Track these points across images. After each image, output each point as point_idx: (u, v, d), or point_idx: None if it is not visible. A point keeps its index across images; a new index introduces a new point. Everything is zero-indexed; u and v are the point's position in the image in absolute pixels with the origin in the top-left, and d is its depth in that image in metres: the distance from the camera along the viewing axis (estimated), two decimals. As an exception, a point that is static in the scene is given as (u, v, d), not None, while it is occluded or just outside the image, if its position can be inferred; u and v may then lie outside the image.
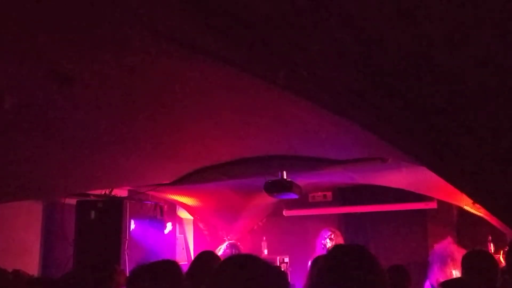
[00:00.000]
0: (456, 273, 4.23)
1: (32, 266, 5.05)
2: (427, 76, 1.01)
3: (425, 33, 0.82)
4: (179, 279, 2.70)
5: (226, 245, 6.24)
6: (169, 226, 6.56)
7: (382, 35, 0.91)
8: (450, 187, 2.82)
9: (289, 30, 1.28)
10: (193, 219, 7.59)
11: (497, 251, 5.42)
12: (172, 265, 2.83)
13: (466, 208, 5.76)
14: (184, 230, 7.56)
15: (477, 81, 0.93)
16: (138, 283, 2.54)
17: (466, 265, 3.02)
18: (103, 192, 5.82)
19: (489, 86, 0.93)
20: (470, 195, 2.19)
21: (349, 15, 0.92)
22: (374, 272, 1.58)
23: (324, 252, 5.14)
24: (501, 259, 4.71)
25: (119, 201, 5.70)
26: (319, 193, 7.08)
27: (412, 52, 0.93)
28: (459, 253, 4.33)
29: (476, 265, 2.90)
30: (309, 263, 4.82)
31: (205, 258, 3.58)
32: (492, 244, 5.78)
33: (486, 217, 5.51)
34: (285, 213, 7.29)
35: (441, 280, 4.23)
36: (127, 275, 3.85)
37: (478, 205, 4.87)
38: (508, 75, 0.86)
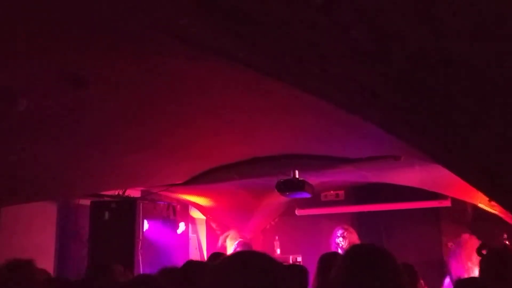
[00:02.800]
0: (472, 266, 4.24)
1: (47, 266, 5.09)
2: (444, 72, 1.00)
3: (444, 28, 0.81)
4: None
5: (237, 244, 6.23)
6: (182, 226, 6.58)
7: (398, 31, 0.91)
8: (464, 185, 2.79)
9: (302, 28, 1.28)
10: (206, 219, 7.61)
11: (513, 249, 5.37)
12: None
13: (481, 206, 5.70)
14: (197, 230, 7.58)
15: (495, 77, 0.92)
16: None
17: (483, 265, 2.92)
18: (116, 193, 5.86)
19: (507, 82, 0.92)
20: (485, 193, 2.17)
21: (364, 11, 0.91)
22: (392, 271, 1.56)
23: (337, 250, 5.11)
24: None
25: (133, 201, 5.73)
26: (332, 192, 7.04)
27: (429, 48, 0.92)
28: (473, 246, 4.33)
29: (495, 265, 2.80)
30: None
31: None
32: (508, 242, 5.71)
33: (501, 215, 5.45)
34: (298, 212, 7.28)
35: (459, 274, 4.23)
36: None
37: (493, 203, 4.83)
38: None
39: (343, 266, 1.61)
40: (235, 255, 1.42)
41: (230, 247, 6.22)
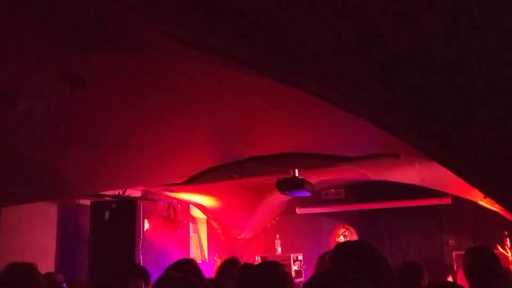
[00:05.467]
0: None
1: (48, 266, 5.12)
2: (427, 68, 1.00)
3: (420, 23, 0.82)
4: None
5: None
6: (182, 226, 6.59)
7: (379, 28, 0.91)
8: (464, 183, 2.78)
9: (289, 25, 1.29)
10: (207, 218, 7.63)
11: (513, 246, 5.38)
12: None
13: (481, 203, 5.69)
14: (197, 229, 7.60)
15: (479, 70, 0.93)
16: None
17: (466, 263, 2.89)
18: (116, 193, 5.88)
19: (493, 74, 0.92)
20: (480, 189, 2.17)
21: (344, 7, 0.92)
22: (378, 267, 1.57)
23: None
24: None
25: (133, 201, 5.75)
26: (332, 190, 7.05)
27: (410, 44, 0.93)
28: None
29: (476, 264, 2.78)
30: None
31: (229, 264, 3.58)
32: (508, 239, 5.72)
33: (501, 212, 5.45)
34: (298, 211, 7.29)
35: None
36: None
37: (490, 200, 4.82)
38: (509, 61, 0.85)
39: (329, 264, 1.63)
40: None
41: None
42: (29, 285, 2.80)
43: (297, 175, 5.33)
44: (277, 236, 7.13)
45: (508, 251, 5.34)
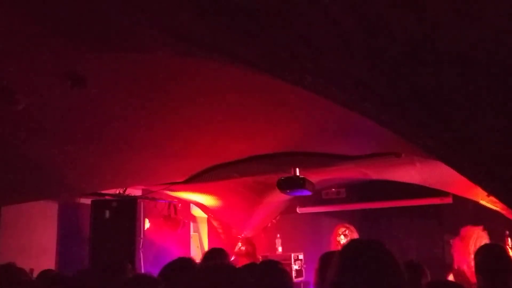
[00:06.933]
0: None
1: (48, 265, 5.09)
2: (435, 63, 0.99)
3: (429, 16, 0.80)
4: None
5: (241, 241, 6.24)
6: (183, 225, 6.58)
7: (386, 20, 0.90)
8: (465, 182, 2.77)
9: (293, 21, 1.27)
10: (207, 217, 7.61)
11: (515, 245, 5.37)
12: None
13: (482, 202, 5.68)
14: (198, 228, 7.59)
15: (486, 65, 0.91)
16: None
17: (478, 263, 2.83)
18: (117, 192, 5.86)
19: (499, 69, 0.90)
20: (484, 187, 2.16)
21: (352, 2, 0.90)
22: (392, 266, 1.54)
23: (338, 248, 5.10)
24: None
25: (133, 200, 5.73)
26: (333, 189, 7.04)
27: (417, 38, 0.91)
28: (473, 238, 4.33)
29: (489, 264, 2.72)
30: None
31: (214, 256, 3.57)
32: (509, 239, 5.70)
33: (503, 212, 5.44)
34: (299, 210, 7.28)
35: (461, 267, 4.22)
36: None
37: (493, 199, 4.81)
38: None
39: (342, 261, 1.58)
40: None
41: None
42: (9, 284, 2.79)
43: (298, 174, 5.32)
44: (278, 235, 7.12)
45: (510, 250, 5.32)
